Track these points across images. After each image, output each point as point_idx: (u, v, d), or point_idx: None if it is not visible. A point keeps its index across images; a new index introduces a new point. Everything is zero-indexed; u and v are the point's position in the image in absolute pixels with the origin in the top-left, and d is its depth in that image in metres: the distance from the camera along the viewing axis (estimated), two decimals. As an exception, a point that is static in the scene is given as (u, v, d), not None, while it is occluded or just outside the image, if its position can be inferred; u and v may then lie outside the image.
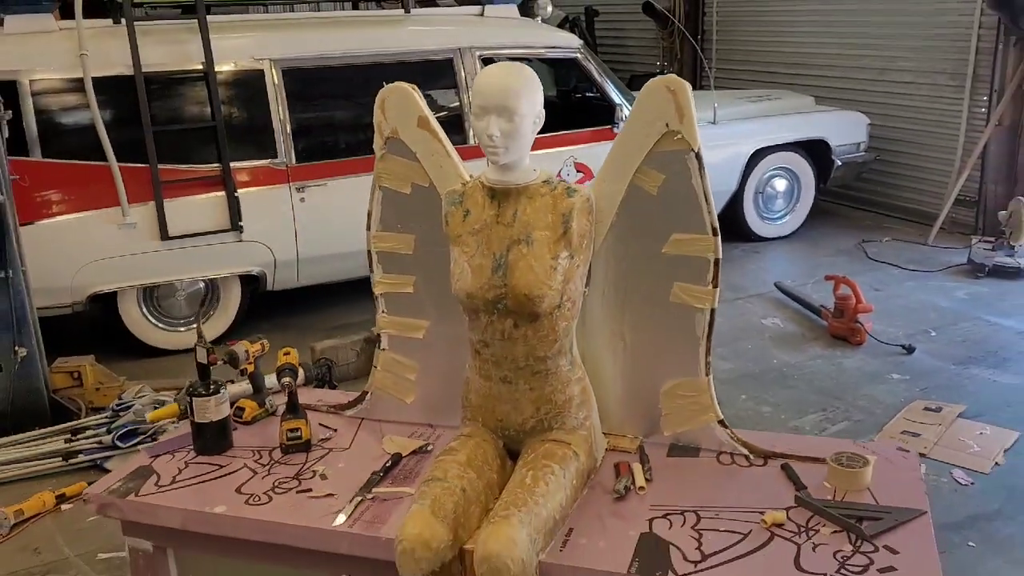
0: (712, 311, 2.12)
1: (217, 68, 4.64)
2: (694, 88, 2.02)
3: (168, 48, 4.64)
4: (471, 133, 5.14)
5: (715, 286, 2.10)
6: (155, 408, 3.90)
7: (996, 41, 6.20)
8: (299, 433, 2.31)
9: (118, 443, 3.72)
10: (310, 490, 2.14)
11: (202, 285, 4.91)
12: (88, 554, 3.18)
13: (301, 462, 2.28)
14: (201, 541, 2.14)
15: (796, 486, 2.05)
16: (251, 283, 4.99)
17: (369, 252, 2.34)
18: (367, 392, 2.47)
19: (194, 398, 2.28)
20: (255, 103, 4.80)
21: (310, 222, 4.89)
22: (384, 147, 2.24)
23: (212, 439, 2.33)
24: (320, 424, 2.43)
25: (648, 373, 2.21)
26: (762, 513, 1.95)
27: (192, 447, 2.36)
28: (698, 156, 2.02)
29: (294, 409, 2.35)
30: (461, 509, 1.89)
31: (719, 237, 2.07)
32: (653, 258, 2.12)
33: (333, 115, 5.21)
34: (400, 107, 2.21)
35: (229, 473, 2.24)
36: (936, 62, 6.63)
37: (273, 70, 4.80)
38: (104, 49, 4.50)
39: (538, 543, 1.81)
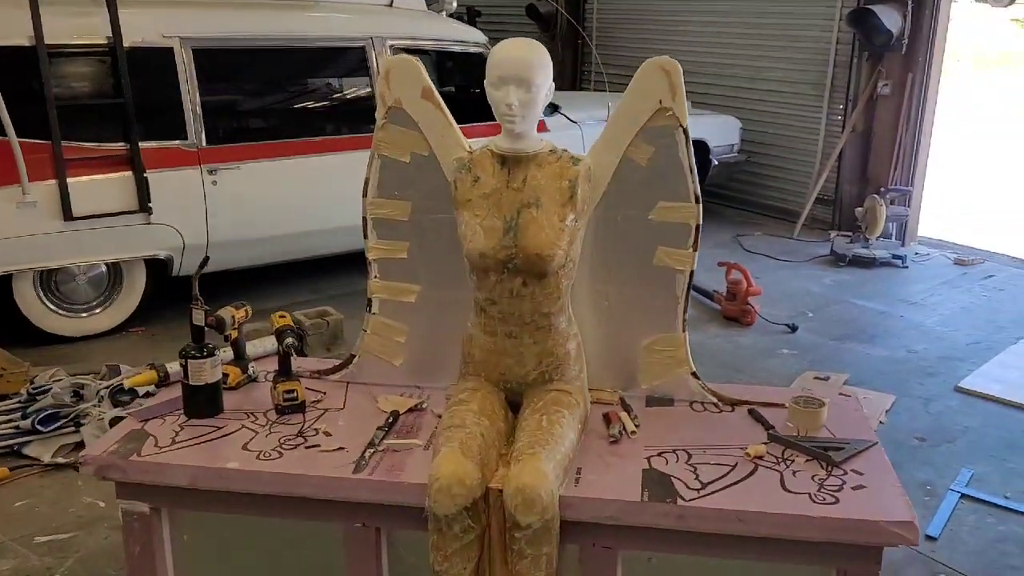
0: (691, 272, 2.35)
1: (125, 44, 4.51)
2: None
3: (73, 20, 4.47)
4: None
5: (695, 249, 2.33)
6: (74, 393, 3.78)
7: (851, 55, 6.86)
8: (295, 394, 2.37)
9: (39, 427, 3.60)
10: (318, 446, 2.21)
11: (104, 269, 4.75)
12: (24, 538, 3.08)
13: (300, 422, 2.34)
14: (205, 499, 2.17)
15: (765, 426, 2.30)
16: (157, 268, 4.87)
17: (364, 218, 2.43)
18: (354, 356, 2.55)
19: (189, 360, 2.30)
20: (164, 82, 4.70)
21: (222, 206, 4.83)
22: (385, 117, 2.34)
23: (206, 402, 2.35)
24: (308, 388, 2.50)
25: (629, 330, 2.42)
26: (743, 448, 2.19)
27: (182, 411, 2.37)
28: (685, 132, 2.25)
29: (287, 371, 2.40)
30: (483, 451, 2.02)
31: (700, 205, 2.30)
32: (639, 224, 2.33)
33: (246, 98, 5.17)
34: (404, 78, 2.32)
35: (229, 434, 2.28)
36: (800, 73, 7.25)
37: (183, 48, 4.72)
38: (3, 17, 4.30)
39: (559, 478, 1.97)
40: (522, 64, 2.06)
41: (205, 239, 4.82)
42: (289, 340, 2.31)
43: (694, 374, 2.44)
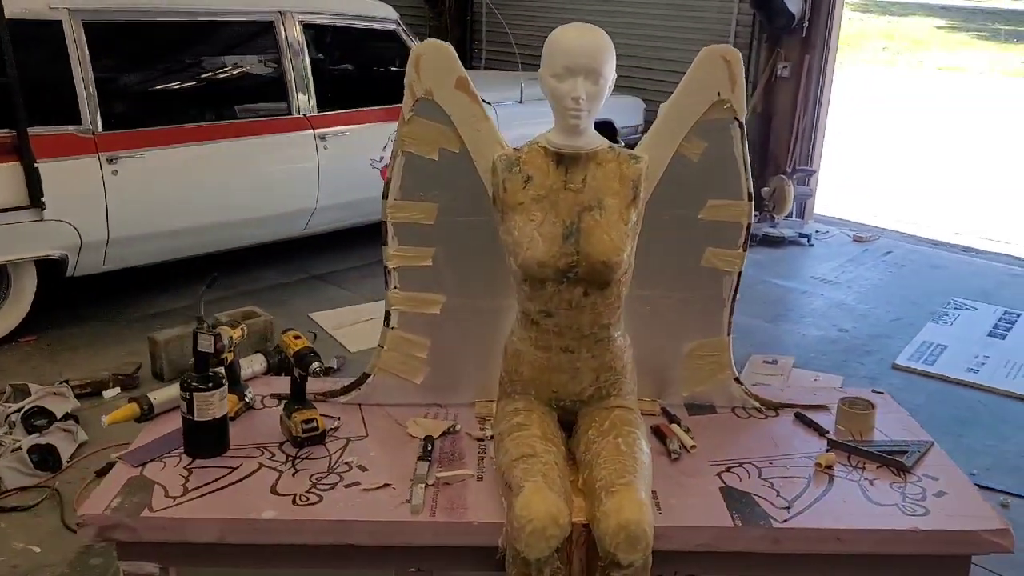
0: (739, 274, 2.23)
1: (6, 15, 3.94)
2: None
3: (-57, -12, 3.86)
4: (295, 103, 4.86)
5: (745, 249, 2.21)
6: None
7: (751, 37, 6.96)
8: (315, 424, 2.10)
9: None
10: (358, 483, 1.96)
11: (-14, 272, 4.18)
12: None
13: (324, 455, 2.07)
14: (230, 554, 1.88)
15: (818, 431, 2.23)
16: (49, 269, 4.33)
17: (384, 223, 2.16)
18: (367, 375, 2.29)
19: (195, 393, 1.98)
20: (53, 59, 4.15)
21: (124, 198, 4.34)
22: (412, 109, 2.09)
23: (213, 440, 2.04)
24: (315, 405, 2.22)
25: (671, 336, 2.28)
26: (807, 457, 2.10)
27: (181, 450, 2.05)
28: (741, 125, 2.12)
29: (302, 398, 2.12)
30: (563, 483, 1.84)
31: (753, 202, 2.18)
32: (687, 224, 2.19)
33: (146, 78, 4.66)
34: (436, 66, 2.07)
35: (248, 475, 1.98)
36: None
37: (72, 21, 4.18)
38: None
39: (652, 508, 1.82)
40: (592, 53, 1.87)
41: (105, 235, 4.32)
42: (316, 366, 2.03)
43: (736, 379, 2.33)
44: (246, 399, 2.25)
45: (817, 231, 6.77)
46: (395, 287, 2.21)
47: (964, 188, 8.84)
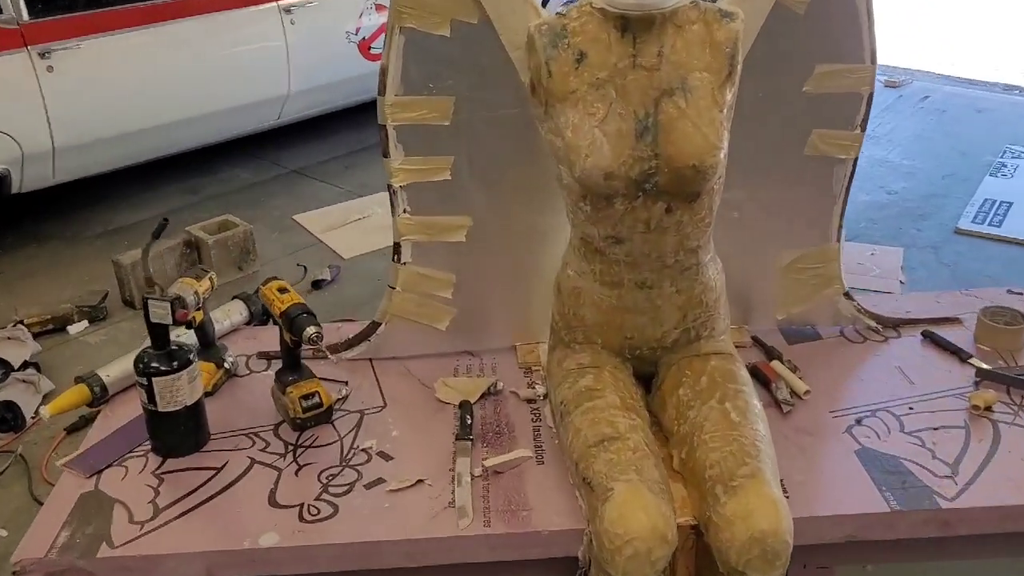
0: (854, 161, 1.70)
1: None
2: None
3: None
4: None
5: (863, 129, 1.67)
6: None
7: None
8: (318, 399, 1.60)
9: None
10: (383, 480, 1.49)
11: (-84, 197, 3.60)
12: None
13: (333, 439, 1.59)
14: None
15: (959, 356, 1.75)
16: (-11, 187, 3.74)
17: (383, 128, 1.60)
18: (377, 323, 1.78)
19: (155, 378, 1.48)
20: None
21: (64, 99, 3.71)
22: (408, -33, 1.49)
23: (187, 432, 1.55)
24: (320, 378, 1.73)
25: (763, 246, 1.77)
26: (956, 395, 1.63)
27: (148, 447, 1.57)
28: (864, -41, 1.54)
29: (297, 366, 1.62)
30: (662, 473, 1.37)
31: (876, 65, 1.62)
32: (788, 99, 1.64)
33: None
34: (440, -102, 1.46)
35: (237, 479, 1.50)
36: None
37: None
38: None
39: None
40: None
41: (49, 143, 3.72)
42: (311, 331, 1.51)
43: (847, 294, 1.83)
44: (226, 365, 1.75)
45: (844, 78, 6.12)
46: (404, 211, 1.67)
47: (996, 21, 8.10)
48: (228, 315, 1.89)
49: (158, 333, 1.47)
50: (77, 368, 2.68)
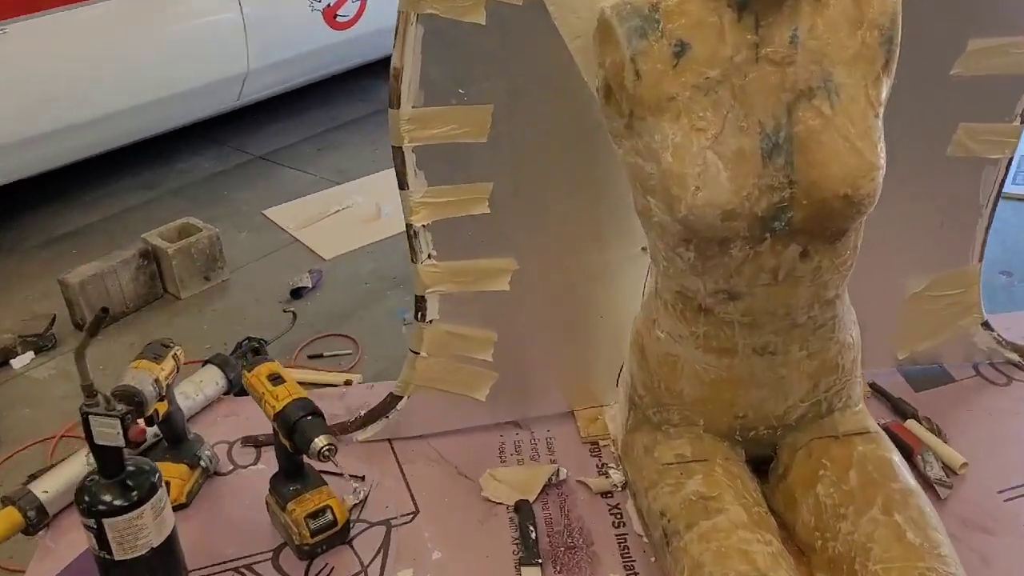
0: (1009, 161, 1.31)
1: None
2: None
3: None
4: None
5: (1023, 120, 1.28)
6: None
7: None
8: (330, 516, 1.20)
9: None
10: (431, 637, 1.10)
11: None
12: None
13: (355, 569, 1.19)
14: None
15: None
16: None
17: (398, 150, 1.18)
18: (399, 397, 1.37)
19: (107, 519, 1.07)
20: None
21: (-9, 90, 3.20)
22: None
23: (155, 579, 1.14)
24: (320, 472, 1.32)
25: (885, 272, 1.39)
26: None
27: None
28: None
29: (299, 472, 1.22)
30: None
31: (1051, 36, 1.23)
32: (928, 85, 1.24)
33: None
34: None
35: (230, 644, 1.10)
36: None
37: None
38: None
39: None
40: None
41: (-23, 143, 3.22)
42: (321, 443, 1.09)
43: (985, 323, 1.45)
44: (202, 464, 1.34)
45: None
46: (429, 256, 1.26)
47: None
48: (200, 388, 1.48)
49: (107, 458, 1.06)
50: (24, 412, 2.26)
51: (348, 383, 2.28)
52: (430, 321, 1.30)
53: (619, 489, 1.28)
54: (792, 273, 1.06)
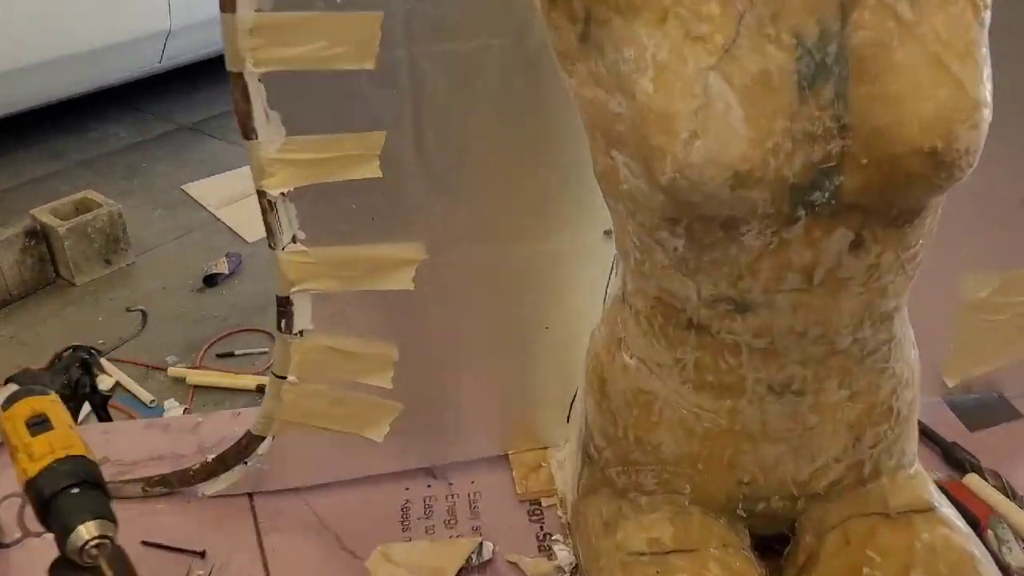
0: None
1: None
2: None
3: None
4: None
5: None
6: None
7: None
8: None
9: None
10: None
11: None
12: None
13: None
14: None
15: None
16: None
17: (238, 78, 0.77)
18: (258, 436, 0.97)
19: None
20: None
21: None
22: None
23: None
24: (144, 546, 0.92)
25: (938, 271, 1.00)
26: None
27: None
28: None
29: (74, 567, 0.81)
30: None
31: None
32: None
33: None
34: None
35: None
36: None
37: None
38: None
39: None
40: None
41: None
42: (82, 536, 0.68)
43: (1062, 341, 1.08)
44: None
45: None
46: (294, 239, 0.86)
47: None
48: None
49: None
50: None
51: (261, 388, 1.90)
52: (300, 333, 0.90)
53: (567, 575, 0.90)
54: (835, 273, 0.68)
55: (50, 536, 0.70)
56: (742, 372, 0.73)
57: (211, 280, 2.63)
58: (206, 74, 3.90)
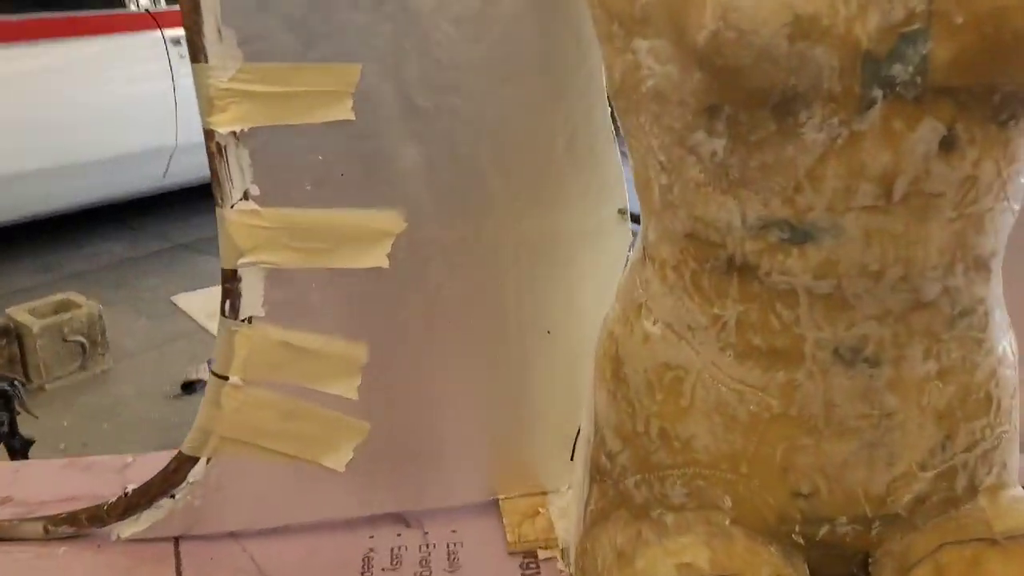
0: None
1: None
2: None
3: None
4: None
5: None
6: None
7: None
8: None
9: None
10: None
11: None
12: None
13: None
14: None
15: None
16: None
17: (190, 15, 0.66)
18: (191, 458, 0.78)
19: None
20: None
21: None
22: None
23: None
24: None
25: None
26: None
27: None
28: None
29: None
30: None
31: None
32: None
33: None
34: None
35: None
36: None
37: None
38: None
39: None
40: None
41: None
42: None
43: None
44: None
45: None
46: (246, 195, 0.71)
47: None
48: None
49: None
50: None
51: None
52: (247, 320, 0.74)
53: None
54: (922, 186, 0.53)
55: None
56: (799, 331, 0.57)
57: (189, 387, 2.47)
58: (206, 197, 3.87)
